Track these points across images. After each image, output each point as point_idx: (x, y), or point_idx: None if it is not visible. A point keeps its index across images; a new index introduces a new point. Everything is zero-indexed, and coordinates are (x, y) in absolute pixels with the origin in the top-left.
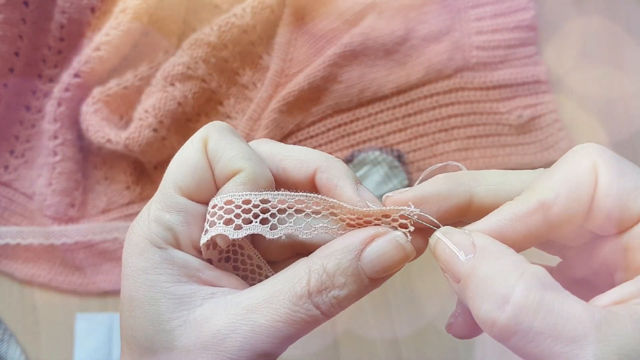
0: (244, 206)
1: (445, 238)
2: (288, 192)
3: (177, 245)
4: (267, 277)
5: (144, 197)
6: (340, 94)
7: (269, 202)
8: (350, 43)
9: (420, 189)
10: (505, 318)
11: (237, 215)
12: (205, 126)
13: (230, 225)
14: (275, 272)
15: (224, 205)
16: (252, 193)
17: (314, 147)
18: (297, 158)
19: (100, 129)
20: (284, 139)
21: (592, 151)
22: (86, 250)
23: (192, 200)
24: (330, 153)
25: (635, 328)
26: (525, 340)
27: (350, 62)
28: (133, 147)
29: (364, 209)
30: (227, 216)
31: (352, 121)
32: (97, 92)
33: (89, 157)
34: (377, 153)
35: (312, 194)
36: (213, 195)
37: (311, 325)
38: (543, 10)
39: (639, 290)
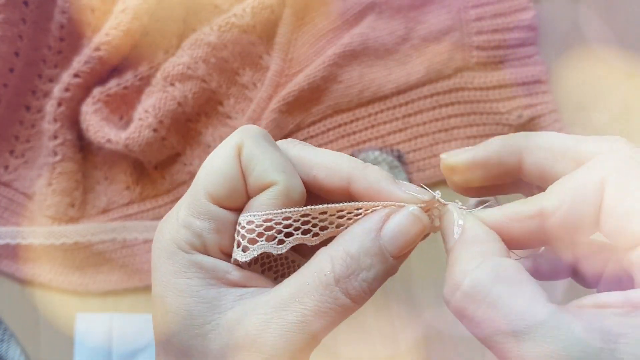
0: (285, 222)
1: (450, 214)
2: (327, 205)
3: (205, 251)
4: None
5: (144, 197)
6: (340, 94)
7: (291, 218)
8: (350, 43)
9: (473, 153)
10: (454, 302)
11: (278, 231)
12: (238, 130)
13: (241, 248)
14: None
15: (263, 223)
16: (279, 211)
17: None
18: (327, 166)
19: (100, 129)
20: (283, 138)
21: (607, 164)
22: (86, 250)
23: (223, 207)
24: None
25: (580, 336)
26: (471, 325)
27: (350, 62)
28: (133, 147)
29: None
30: (267, 233)
31: (352, 121)
32: (97, 92)
33: (89, 157)
34: (377, 153)
35: (344, 204)
36: (244, 203)
37: (341, 315)
38: (543, 10)
39: (622, 302)
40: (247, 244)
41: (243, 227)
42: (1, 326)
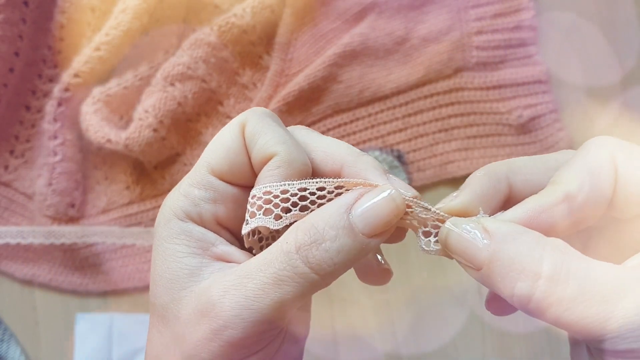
0: (282, 195)
1: (456, 228)
2: (325, 179)
3: (200, 221)
4: None
5: (144, 197)
6: (340, 94)
7: (307, 189)
8: (350, 43)
9: (468, 194)
10: (540, 292)
11: (276, 205)
12: (245, 111)
13: (270, 216)
14: None
15: (262, 196)
16: (290, 182)
17: None
18: (324, 150)
19: (100, 129)
20: None
21: (608, 143)
22: (86, 250)
23: (224, 181)
24: None
25: None
26: (561, 310)
27: (350, 62)
28: (133, 147)
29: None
30: (266, 206)
31: (352, 121)
32: (97, 92)
33: (89, 157)
34: (377, 153)
35: (348, 179)
36: (248, 178)
37: (302, 286)
38: (543, 10)
39: None
40: (249, 217)
41: (259, 198)
42: (1, 326)
